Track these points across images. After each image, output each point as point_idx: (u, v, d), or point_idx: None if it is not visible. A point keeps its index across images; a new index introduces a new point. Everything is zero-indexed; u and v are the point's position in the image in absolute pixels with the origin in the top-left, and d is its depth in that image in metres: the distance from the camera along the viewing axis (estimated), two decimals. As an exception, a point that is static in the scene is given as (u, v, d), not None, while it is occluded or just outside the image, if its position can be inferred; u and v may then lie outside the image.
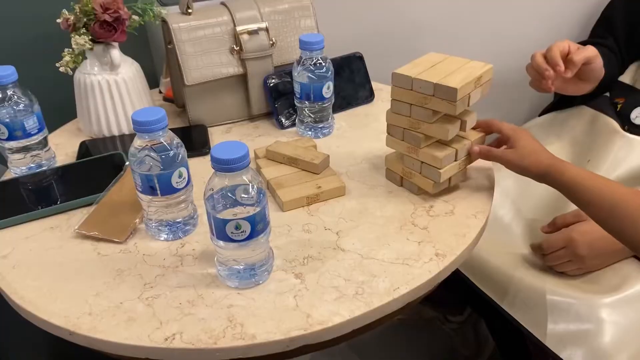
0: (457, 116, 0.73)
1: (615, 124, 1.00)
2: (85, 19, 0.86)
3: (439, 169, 0.73)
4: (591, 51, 0.88)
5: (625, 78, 1.10)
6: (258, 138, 0.95)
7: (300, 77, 0.89)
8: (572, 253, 0.84)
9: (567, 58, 0.88)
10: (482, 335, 1.25)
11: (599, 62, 0.91)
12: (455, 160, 0.75)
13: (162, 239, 0.71)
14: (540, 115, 1.18)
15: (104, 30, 0.87)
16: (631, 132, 0.99)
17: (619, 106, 1.05)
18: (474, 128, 0.79)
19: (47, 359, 0.98)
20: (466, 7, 1.37)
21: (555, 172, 0.72)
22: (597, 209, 0.70)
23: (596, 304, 0.81)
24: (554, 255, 0.87)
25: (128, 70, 0.92)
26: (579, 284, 0.86)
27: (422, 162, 0.75)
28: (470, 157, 0.78)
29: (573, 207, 0.93)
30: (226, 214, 0.58)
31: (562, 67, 0.86)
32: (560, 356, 0.81)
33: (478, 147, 0.77)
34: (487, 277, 0.93)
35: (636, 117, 1.01)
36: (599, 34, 1.14)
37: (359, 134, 0.95)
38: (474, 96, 0.72)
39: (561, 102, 1.13)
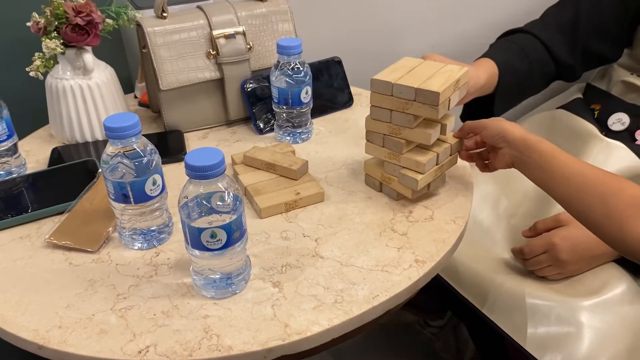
0: (437, 120, 0.73)
1: (594, 129, 1.01)
2: (56, 22, 0.84)
3: (422, 173, 0.72)
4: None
5: (601, 84, 1.11)
6: (235, 143, 0.93)
7: (278, 81, 0.88)
8: (553, 258, 0.84)
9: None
10: (462, 339, 1.25)
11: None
12: (437, 164, 0.74)
13: (136, 248, 0.69)
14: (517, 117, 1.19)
15: (76, 34, 0.85)
16: (609, 137, 1.00)
17: (596, 112, 1.06)
18: (456, 136, 0.78)
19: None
20: (445, 9, 1.38)
21: (533, 138, 0.71)
22: (567, 185, 0.67)
23: (576, 307, 0.81)
24: (535, 260, 0.87)
25: (102, 75, 0.90)
26: (560, 287, 0.86)
27: (401, 170, 0.74)
28: (450, 160, 0.77)
29: (553, 211, 0.94)
30: (201, 222, 0.56)
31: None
32: (541, 361, 0.81)
33: (458, 130, 0.78)
34: (467, 282, 0.92)
35: (613, 123, 1.01)
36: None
37: (338, 139, 0.94)
38: (454, 99, 0.72)
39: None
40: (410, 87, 0.69)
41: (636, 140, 0.99)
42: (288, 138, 0.93)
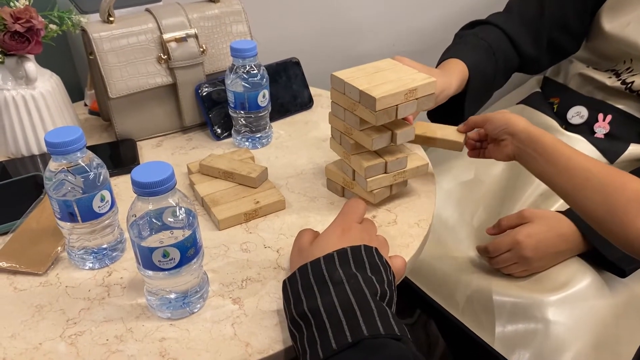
0: (388, 127, 0.71)
1: (554, 123, 1.01)
2: (-7, 30, 0.79)
3: (365, 178, 0.71)
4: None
5: (559, 77, 1.11)
6: (192, 151, 0.90)
7: (234, 85, 0.85)
8: (518, 255, 0.84)
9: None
10: (432, 335, 1.24)
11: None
12: (386, 173, 0.72)
13: (87, 268, 0.65)
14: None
15: (16, 42, 0.80)
16: (569, 131, 1.00)
17: (555, 106, 1.06)
18: (460, 130, 0.80)
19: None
20: (403, 7, 1.36)
21: (536, 131, 0.70)
22: (570, 178, 0.66)
23: (543, 303, 0.81)
24: (500, 258, 0.86)
25: (46, 84, 0.85)
26: (526, 284, 0.86)
27: (354, 170, 0.73)
28: (416, 169, 0.75)
29: (517, 208, 0.94)
30: (152, 241, 0.53)
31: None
32: (509, 359, 0.80)
33: (463, 125, 0.80)
34: (433, 283, 0.92)
35: (572, 117, 1.02)
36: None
37: (299, 143, 0.92)
38: (405, 109, 0.68)
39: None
40: (356, 88, 0.67)
41: (595, 133, 0.99)
42: (247, 143, 0.90)
